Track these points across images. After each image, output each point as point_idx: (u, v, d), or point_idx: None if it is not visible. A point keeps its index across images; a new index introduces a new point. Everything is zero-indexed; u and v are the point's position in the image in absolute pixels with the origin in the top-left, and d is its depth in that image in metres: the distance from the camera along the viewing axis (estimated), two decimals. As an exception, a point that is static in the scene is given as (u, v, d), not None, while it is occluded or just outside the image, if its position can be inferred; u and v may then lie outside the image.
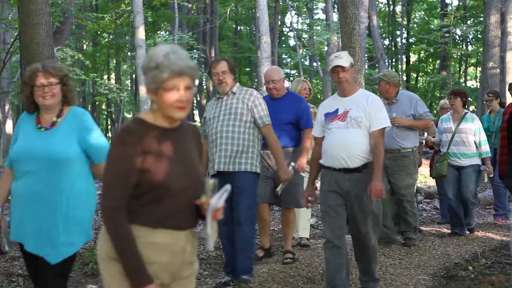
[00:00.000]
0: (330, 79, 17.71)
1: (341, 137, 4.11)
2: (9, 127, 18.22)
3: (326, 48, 20.14)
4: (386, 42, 32.12)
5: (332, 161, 4.15)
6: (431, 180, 11.36)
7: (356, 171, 4.10)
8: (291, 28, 27.60)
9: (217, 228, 2.25)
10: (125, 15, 23.67)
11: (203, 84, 26.67)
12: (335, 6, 20.50)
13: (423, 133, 6.87)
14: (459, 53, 27.58)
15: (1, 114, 18.37)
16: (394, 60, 31.97)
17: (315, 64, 24.33)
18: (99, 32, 25.00)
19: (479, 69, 26.81)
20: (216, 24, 23.62)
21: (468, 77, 33.47)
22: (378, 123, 4.14)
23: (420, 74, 33.54)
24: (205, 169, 4.61)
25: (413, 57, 33.19)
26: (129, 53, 23.58)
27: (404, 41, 29.13)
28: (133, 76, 29.57)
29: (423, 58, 32.39)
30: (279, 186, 4.98)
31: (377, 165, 4.07)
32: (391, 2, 31.70)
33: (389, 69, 23.23)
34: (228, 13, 25.37)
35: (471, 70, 33.80)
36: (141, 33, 13.89)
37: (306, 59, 28.10)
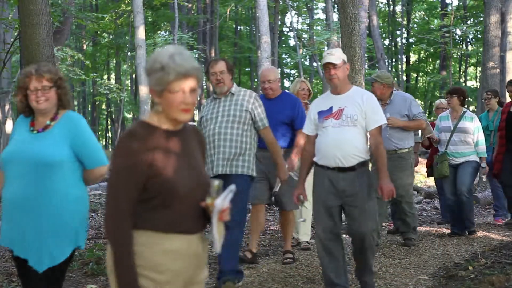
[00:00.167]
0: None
1: (336, 136, 4.02)
2: (9, 127, 18.19)
3: (326, 48, 20.14)
4: (386, 42, 32.14)
5: (326, 160, 4.07)
6: (431, 180, 11.35)
7: (351, 170, 4.02)
8: (291, 28, 27.61)
9: (223, 229, 2.20)
10: (125, 15, 23.70)
11: (204, 84, 26.67)
12: (335, 6, 20.51)
13: (416, 133, 6.83)
14: (459, 53, 27.60)
15: (1, 114, 18.34)
16: (394, 60, 31.99)
17: (315, 64, 24.34)
18: (99, 32, 25.02)
19: (479, 69, 26.81)
20: (216, 24, 23.64)
21: (468, 77, 33.47)
22: (375, 121, 4.08)
23: (420, 74, 33.56)
24: None
25: (413, 57, 33.21)
26: (129, 53, 23.60)
27: (404, 41, 29.14)
28: (133, 76, 29.58)
29: (423, 58, 32.40)
30: (277, 186, 4.93)
31: (381, 164, 4.03)
32: (391, 2, 31.72)
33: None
34: (228, 13, 25.40)
35: (471, 70, 33.81)
36: (141, 33, 13.91)
37: (306, 59, 28.11)
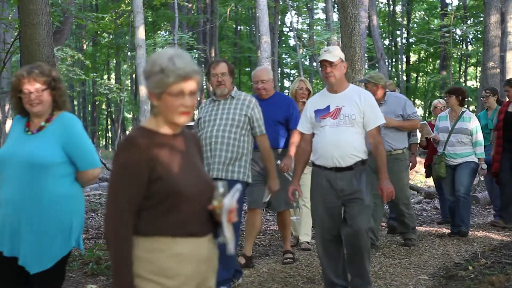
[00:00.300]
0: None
1: (334, 135, 3.95)
2: (9, 127, 18.22)
3: (326, 48, 20.12)
4: (386, 42, 32.16)
5: (324, 160, 4.01)
6: (431, 180, 11.34)
7: (348, 169, 3.98)
8: (291, 28, 27.62)
9: (233, 230, 2.15)
10: (125, 15, 23.70)
11: (203, 84, 26.67)
12: (335, 6, 20.52)
13: (415, 134, 6.81)
14: (459, 53, 27.62)
15: (1, 114, 18.35)
16: (394, 60, 32.02)
17: (315, 64, 24.35)
18: (99, 32, 25.01)
19: (479, 69, 26.83)
20: (216, 24, 23.65)
21: (468, 77, 33.50)
22: (374, 121, 4.04)
23: (420, 74, 33.58)
24: None
25: (413, 57, 33.23)
26: (129, 53, 23.61)
27: (404, 41, 29.16)
28: (133, 76, 29.62)
29: (423, 58, 32.43)
30: (266, 196, 4.81)
31: (381, 164, 4.01)
32: (391, 2, 31.74)
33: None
34: (228, 13, 25.42)
35: (471, 70, 33.83)
36: (141, 33, 13.91)
37: (306, 59, 28.10)
